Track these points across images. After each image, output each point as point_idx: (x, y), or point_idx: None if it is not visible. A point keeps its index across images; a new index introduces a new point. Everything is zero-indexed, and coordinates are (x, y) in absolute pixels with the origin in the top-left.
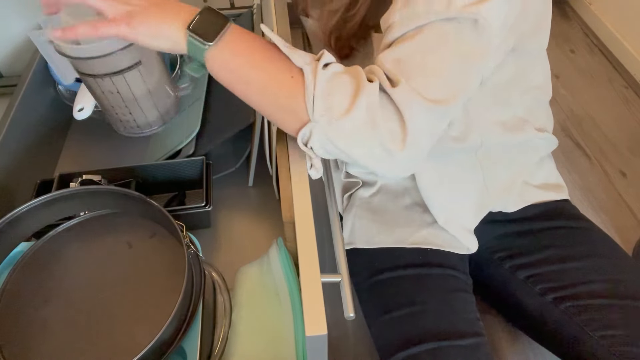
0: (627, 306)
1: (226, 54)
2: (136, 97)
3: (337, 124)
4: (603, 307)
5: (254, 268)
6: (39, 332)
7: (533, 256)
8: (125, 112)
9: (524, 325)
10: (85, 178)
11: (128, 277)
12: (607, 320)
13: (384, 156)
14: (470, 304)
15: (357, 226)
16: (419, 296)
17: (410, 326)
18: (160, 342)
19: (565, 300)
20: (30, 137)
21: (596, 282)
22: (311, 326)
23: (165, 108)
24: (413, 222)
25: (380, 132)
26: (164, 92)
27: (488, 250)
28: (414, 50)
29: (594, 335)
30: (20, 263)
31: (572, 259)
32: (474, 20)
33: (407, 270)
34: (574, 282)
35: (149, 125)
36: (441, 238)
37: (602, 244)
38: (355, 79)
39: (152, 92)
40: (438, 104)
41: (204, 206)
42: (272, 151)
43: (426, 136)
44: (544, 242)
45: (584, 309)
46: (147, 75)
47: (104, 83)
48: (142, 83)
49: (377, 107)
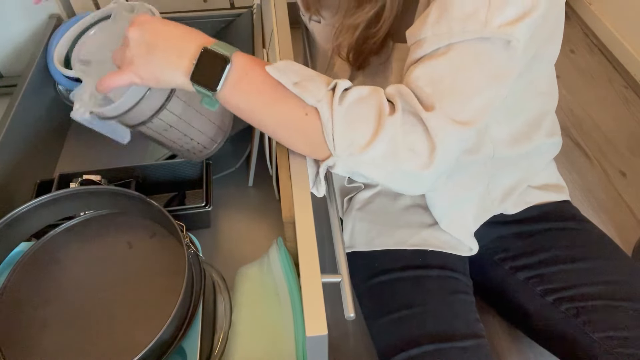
0: (628, 308)
1: (235, 97)
2: (188, 121)
3: (359, 157)
4: (604, 308)
5: (254, 268)
6: (38, 332)
7: (534, 257)
8: (187, 140)
9: (524, 326)
10: (85, 178)
11: (128, 277)
12: (607, 322)
13: (407, 177)
14: (470, 305)
15: (357, 229)
16: (419, 298)
17: (410, 328)
18: (160, 342)
19: (566, 301)
20: (30, 137)
21: (597, 284)
22: (311, 326)
23: (218, 118)
24: (413, 223)
25: (403, 159)
26: None
27: (488, 251)
28: (446, 70)
29: (595, 337)
30: (20, 263)
31: (573, 261)
32: (507, 41)
33: (406, 271)
34: (575, 283)
35: (212, 142)
36: (441, 240)
37: (602, 246)
38: (375, 109)
39: (199, 109)
40: (467, 126)
41: (204, 206)
42: (272, 151)
43: (453, 155)
44: (544, 244)
45: (584, 311)
46: (185, 95)
47: (154, 125)
48: (186, 106)
49: (400, 139)
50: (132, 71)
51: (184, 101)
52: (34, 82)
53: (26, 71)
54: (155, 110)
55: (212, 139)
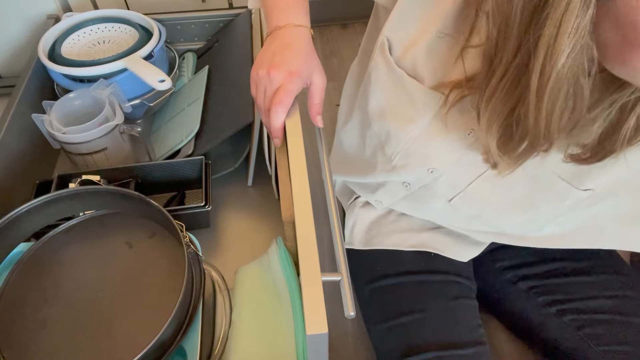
0: (633, 323)
1: None
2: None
3: None
4: (608, 322)
5: (254, 267)
6: (38, 333)
7: (537, 267)
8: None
9: (525, 335)
10: (84, 178)
11: (128, 277)
12: (611, 336)
13: None
14: (472, 311)
15: (357, 228)
16: (420, 304)
17: (410, 335)
18: (160, 342)
19: (569, 313)
20: (29, 137)
21: (601, 298)
22: (312, 325)
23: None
24: (414, 226)
25: None
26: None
27: (490, 259)
28: None
29: (598, 350)
30: (19, 264)
31: (578, 273)
32: None
33: (408, 276)
34: (579, 296)
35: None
36: (442, 243)
37: (607, 259)
38: None
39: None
40: None
41: (204, 206)
42: (271, 150)
43: None
44: (548, 254)
45: (588, 323)
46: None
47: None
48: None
49: None
50: (271, 109)
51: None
52: (32, 83)
53: (24, 72)
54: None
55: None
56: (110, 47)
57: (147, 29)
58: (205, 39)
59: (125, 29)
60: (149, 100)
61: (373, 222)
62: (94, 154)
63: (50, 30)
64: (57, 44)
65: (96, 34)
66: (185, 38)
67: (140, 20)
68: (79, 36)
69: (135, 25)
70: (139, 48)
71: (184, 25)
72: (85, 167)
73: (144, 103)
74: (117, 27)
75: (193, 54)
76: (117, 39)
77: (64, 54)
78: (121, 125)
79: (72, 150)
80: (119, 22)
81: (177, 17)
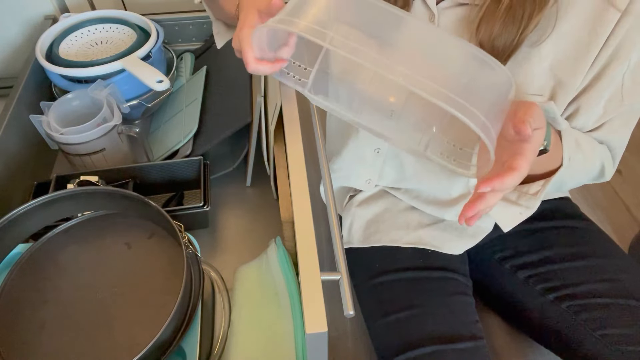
0: (628, 306)
1: None
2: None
3: None
4: (604, 306)
5: (253, 267)
6: (37, 333)
7: (533, 256)
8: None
9: (524, 325)
10: (82, 179)
11: (127, 277)
12: (607, 319)
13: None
14: (469, 307)
15: (355, 226)
16: (418, 299)
17: (409, 329)
18: (160, 342)
19: (566, 299)
20: (27, 138)
21: (596, 282)
22: (311, 324)
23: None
24: (411, 223)
25: None
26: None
27: (488, 250)
28: None
29: (595, 334)
30: (18, 265)
31: (573, 259)
32: None
33: (406, 273)
34: (575, 281)
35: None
36: (438, 239)
37: (602, 244)
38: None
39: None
40: None
41: (202, 206)
42: (269, 151)
43: None
44: (544, 242)
45: (584, 308)
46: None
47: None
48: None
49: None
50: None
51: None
52: (30, 84)
53: (22, 72)
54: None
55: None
56: (108, 47)
57: (145, 29)
58: (203, 39)
59: (123, 29)
60: (147, 100)
61: (370, 220)
62: (92, 154)
63: (47, 31)
64: (55, 45)
65: (94, 34)
66: (183, 38)
67: (137, 21)
68: (76, 37)
69: (133, 26)
70: (136, 49)
71: (181, 25)
72: (84, 168)
73: (142, 104)
74: (115, 27)
75: (191, 55)
76: (115, 39)
77: (62, 55)
78: (119, 125)
79: (70, 151)
80: (117, 23)
81: (175, 17)
